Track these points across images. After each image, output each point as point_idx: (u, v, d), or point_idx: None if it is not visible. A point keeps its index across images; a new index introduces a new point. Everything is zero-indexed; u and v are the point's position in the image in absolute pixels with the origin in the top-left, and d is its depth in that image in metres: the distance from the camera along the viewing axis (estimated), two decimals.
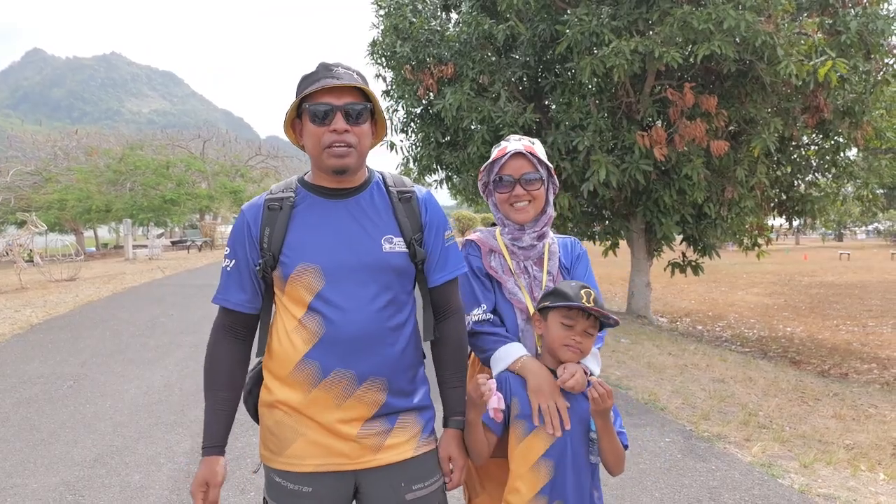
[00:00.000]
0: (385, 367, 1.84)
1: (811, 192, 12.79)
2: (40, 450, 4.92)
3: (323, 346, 1.79)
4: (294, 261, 1.82)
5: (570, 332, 2.00)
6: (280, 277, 1.85)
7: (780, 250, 43.04)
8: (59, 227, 37.20)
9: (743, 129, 10.63)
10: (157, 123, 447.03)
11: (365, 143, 1.89)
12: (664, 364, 7.97)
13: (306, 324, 1.81)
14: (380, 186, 1.99)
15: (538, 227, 2.25)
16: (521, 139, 2.27)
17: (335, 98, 1.81)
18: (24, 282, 18.01)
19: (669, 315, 15.41)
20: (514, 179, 2.19)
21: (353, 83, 1.82)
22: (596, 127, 10.01)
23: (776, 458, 4.73)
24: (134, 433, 5.28)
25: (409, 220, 1.95)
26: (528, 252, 2.25)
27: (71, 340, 9.44)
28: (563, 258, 2.29)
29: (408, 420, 1.92)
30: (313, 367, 1.80)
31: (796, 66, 8.44)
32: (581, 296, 1.98)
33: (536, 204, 2.22)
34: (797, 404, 6.54)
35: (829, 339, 12.51)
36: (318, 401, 1.81)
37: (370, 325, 1.81)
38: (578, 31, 9.24)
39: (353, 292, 1.81)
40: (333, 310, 1.79)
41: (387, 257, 1.88)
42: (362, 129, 1.86)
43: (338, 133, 1.81)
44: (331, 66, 1.88)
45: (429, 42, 11.43)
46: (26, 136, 46.68)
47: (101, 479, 4.37)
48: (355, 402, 1.82)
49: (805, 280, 24.26)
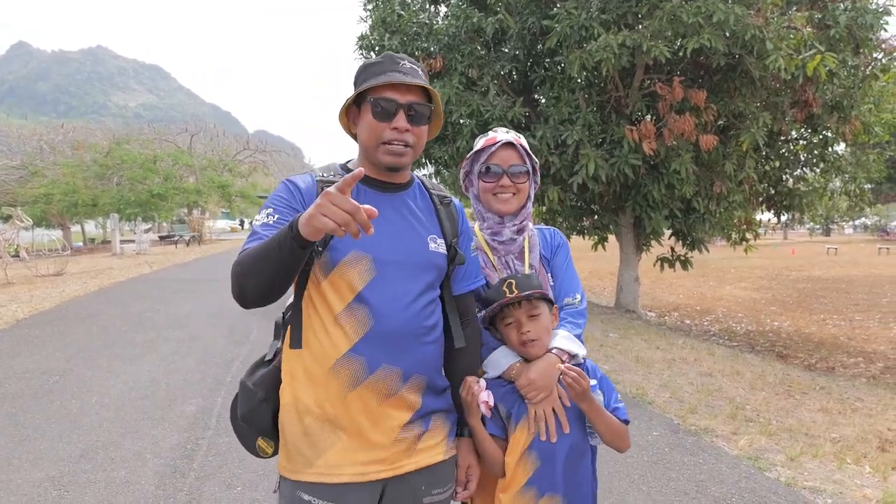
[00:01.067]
0: (425, 364, 1.81)
1: (799, 186, 12.84)
2: (25, 445, 4.87)
3: (371, 340, 1.71)
4: (347, 247, 1.73)
5: (517, 327, 1.98)
6: (326, 263, 1.74)
7: (768, 245, 43.34)
8: (45, 222, 36.93)
9: (732, 124, 10.64)
10: (145, 117, 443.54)
11: (421, 144, 1.86)
12: (652, 358, 7.99)
13: (351, 316, 1.72)
14: (421, 188, 1.99)
15: (518, 221, 2.22)
16: (509, 132, 2.25)
17: (400, 95, 1.76)
18: (10, 277, 17.85)
19: (658, 310, 15.46)
20: (502, 170, 2.17)
21: (421, 82, 1.77)
22: (585, 121, 10.01)
23: (763, 451, 4.75)
24: (120, 428, 5.23)
25: (449, 224, 1.95)
26: (509, 247, 2.23)
27: (57, 335, 9.35)
28: (543, 250, 2.27)
29: (439, 421, 1.89)
30: (359, 363, 1.71)
31: (785, 61, 8.45)
32: (502, 292, 1.98)
33: (520, 197, 2.21)
34: (784, 398, 6.57)
35: (816, 333, 12.59)
36: (359, 400, 1.72)
37: (414, 321, 1.77)
38: (567, 24, 9.21)
39: (402, 287, 1.77)
40: (382, 302, 1.73)
41: (432, 256, 1.85)
42: (422, 130, 1.83)
43: (399, 132, 1.77)
44: (397, 58, 1.82)
45: (417, 35, 11.39)
46: (11, 131, 46.27)
47: (86, 474, 4.33)
48: (398, 401, 1.76)
49: (793, 275, 24.43)
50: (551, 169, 10.28)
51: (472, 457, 1.98)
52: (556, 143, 10.28)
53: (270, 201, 1.81)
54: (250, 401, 1.85)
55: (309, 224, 1.41)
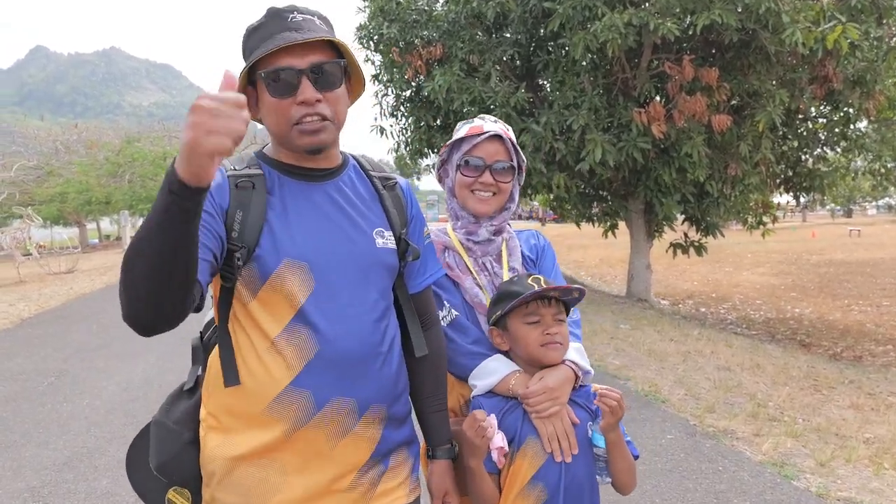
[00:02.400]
0: (385, 391, 1.49)
1: (819, 166, 12.37)
2: (10, 452, 4.75)
3: (316, 369, 1.38)
4: (276, 256, 1.39)
5: (540, 327, 1.71)
6: (253, 279, 1.40)
7: (786, 228, 42.52)
8: (62, 220, 37.48)
9: (746, 103, 10.23)
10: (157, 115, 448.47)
11: (342, 112, 1.47)
12: (666, 351, 7.61)
13: (290, 340, 1.38)
14: (358, 170, 1.61)
15: (496, 221, 1.94)
16: (497, 121, 1.95)
17: (298, 59, 1.37)
18: (23, 275, 18.12)
19: (671, 297, 15.05)
20: (485, 164, 1.87)
21: (319, 36, 1.38)
22: (591, 105, 9.67)
23: (789, 455, 4.35)
24: (107, 434, 5.07)
25: (396, 211, 1.60)
26: (486, 247, 1.95)
27: (58, 335, 9.30)
28: (526, 251, 2.01)
29: (400, 457, 1.58)
30: (304, 398, 1.37)
31: (803, 34, 8.02)
32: (530, 285, 1.71)
33: (500, 197, 1.92)
34: (810, 393, 6.17)
35: (840, 320, 12.13)
36: (304, 443, 1.39)
37: (368, 338, 1.45)
38: (570, 5, 8.87)
39: (351, 297, 1.44)
40: (327, 320, 1.40)
41: (381, 254, 1.52)
42: (337, 94, 1.44)
43: (308, 104, 1.38)
44: (283, 11, 1.42)
45: (416, 23, 11.10)
46: (29, 132, 46.96)
47: (67, 484, 4.17)
48: (354, 440, 1.43)
49: (813, 258, 23.80)
50: (557, 155, 9.95)
51: (449, 482, 1.69)
52: (561, 129, 9.93)
53: None
54: (172, 445, 1.50)
55: (190, 156, 1.01)
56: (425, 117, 11.85)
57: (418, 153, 12.50)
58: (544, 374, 1.71)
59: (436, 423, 1.71)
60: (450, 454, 1.71)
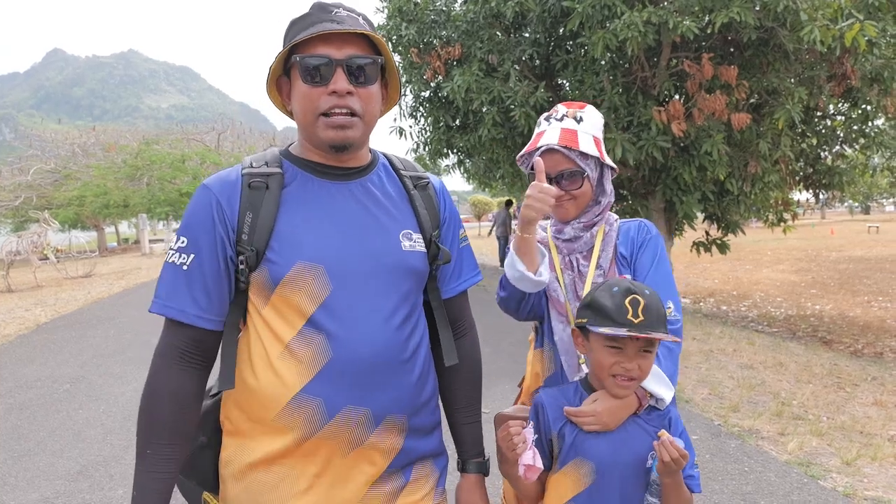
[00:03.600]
0: (405, 401, 1.44)
1: (838, 163, 12.22)
2: (24, 462, 4.70)
3: (329, 376, 1.34)
4: (289, 258, 1.35)
5: (619, 356, 1.55)
6: (265, 283, 1.37)
7: (805, 225, 42.08)
8: (80, 224, 37.54)
9: (765, 101, 10.10)
10: (176, 118, 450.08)
11: (373, 111, 1.44)
12: (688, 350, 7.57)
13: (303, 346, 1.35)
14: (388, 169, 1.57)
15: (585, 219, 1.88)
16: (564, 116, 1.85)
17: (335, 49, 1.36)
18: (40, 279, 18.13)
19: (692, 296, 14.93)
20: (551, 177, 1.80)
21: (360, 29, 1.37)
22: (610, 104, 9.59)
23: (815, 454, 4.33)
24: (123, 441, 5.03)
25: (427, 212, 1.55)
26: (573, 244, 1.88)
27: (74, 340, 9.28)
28: (621, 247, 1.87)
29: (424, 470, 1.52)
30: (315, 406, 1.34)
31: (821, 32, 7.92)
32: (625, 309, 1.51)
33: (579, 202, 1.85)
34: (833, 391, 6.11)
35: (860, 316, 11.97)
36: (317, 452, 1.36)
37: (388, 346, 1.39)
38: (589, 4, 8.78)
39: (369, 302, 1.39)
40: (342, 326, 1.35)
41: (407, 258, 1.47)
42: (370, 91, 1.42)
43: (338, 95, 1.36)
44: (329, 5, 1.41)
45: (434, 23, 11.05)
46: (47, 135, 47.18)
47: (82, 494, 4.12)
48: (368, 450, 1.39)
49: (833, 255, 23.50)
50: None
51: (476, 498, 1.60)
52: None
53: (184, 226, 1.41)
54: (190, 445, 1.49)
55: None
56: (444, 117, 11.82)
57: (438, 153, 12.49)
58: (598, 397, 1.61)
59: (468, 434, 1.64)
60: (481, 469, 1.63)
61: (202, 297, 1.36)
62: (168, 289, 1.37)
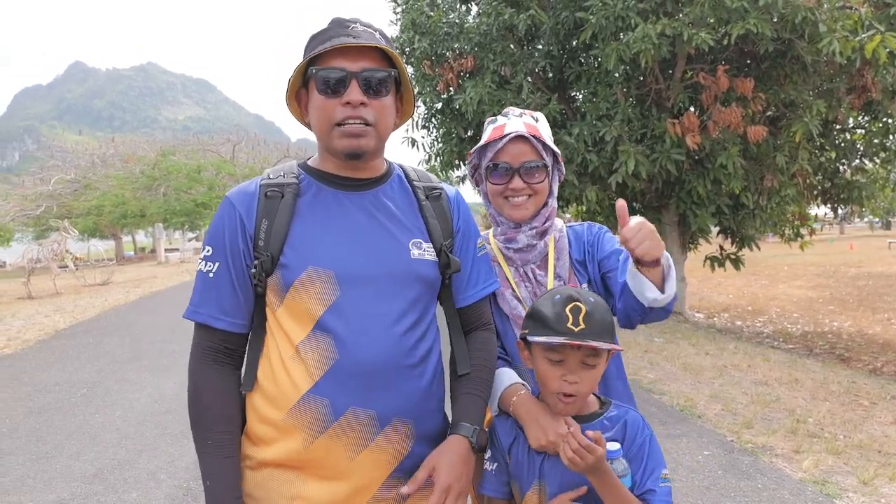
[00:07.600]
0: (411, 405, 1.46)
1: (858, 178, 12.08)
2: (42, 464, 4.78)
3: (335, 376, 1.39)
4: (301, 263, 1.42)
5: (561, 369, 1.46)
6: (279, 286, 1.44)
7: (823, 240, 41.61)
8: (98, 233, 38.15)
9: (782, 114, 10.04)
10: (192, 129, 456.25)
11: (387, 122, 1.51)
12: (701, 365, 7.47)
13: (312, 347, 1.41)
14: (402, 180, 1.62)
15: (537, 224, 1.83)
16: (523, 114, 1.86)
17: (350, 62, 1.43)
18: (59, 287, 18.40)
19: (706, 311, 14.78)
20: (513, 168, 1.78)
21: (375, 43, 1.44)
22: (624, 116, 9.56)
23: (831, 473, 4.23)
24: (138, 445, 5.11)
25: (438, 222, 1.60)
26: (527, 255, 1.84)
27: (92, 346, 9.41)
28: (574, 254, 1.86)
29: None
30: (321, 406, 1.39)
31: (840, 43, 7.86)
32: (565, 317, 1.44)
33: (537, 198, 1.82)
34: (850, 409, 5.99)
35: (880, 333, 11.78)
36: (324, 452, 1.39)
37: (392, 350, 1.43)
38: (603, 16, 8.79)
39: (375, 308, 1.44)
40: (349, 329, 1.41)
41: (416, 266, 1.51)
42: (383, 102, 1.48)
43: (352, 106, 1.43)
44: (347, 21, 1.48)
45: (448, 35, 11.08)
46: (67, 146, 48.03)
47: (97, 496, 4.18)
48: (374, 452, 1.41)
49: (852, 271, 23.19)
50: (589, 167, 9.84)
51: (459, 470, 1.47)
52: (593, 140, 9.84)
53: (209, 237, 1.52)
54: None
55: None
56: (456, 129, 11.84)
57: (449, 165, 12.49)
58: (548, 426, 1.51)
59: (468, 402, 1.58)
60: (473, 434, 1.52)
61: (227, 302, 1.47)
62: (198, 296, 1.49)
